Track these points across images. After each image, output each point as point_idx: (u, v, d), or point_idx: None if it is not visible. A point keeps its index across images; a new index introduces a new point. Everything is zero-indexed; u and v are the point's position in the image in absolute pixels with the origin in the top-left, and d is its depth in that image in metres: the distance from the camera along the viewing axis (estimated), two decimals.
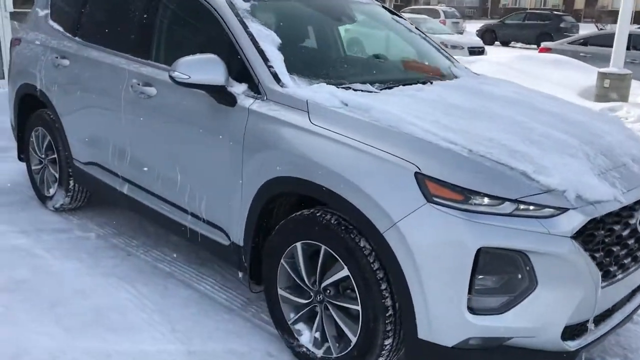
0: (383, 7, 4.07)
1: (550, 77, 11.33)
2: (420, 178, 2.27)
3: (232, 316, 3.22)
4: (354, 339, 2.53)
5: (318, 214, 2.59)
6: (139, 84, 3.46)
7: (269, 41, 3.02)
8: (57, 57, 4.20)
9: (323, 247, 2.58)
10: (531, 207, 2.22)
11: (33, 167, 4.70)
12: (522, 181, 2.26)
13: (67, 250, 3.91)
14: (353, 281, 2.47)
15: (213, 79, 2.90)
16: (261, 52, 2.96)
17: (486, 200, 2.22)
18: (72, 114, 4.09)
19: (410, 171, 2.30)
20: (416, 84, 3.20)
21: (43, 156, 4.56)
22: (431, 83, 3.26)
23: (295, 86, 2.85)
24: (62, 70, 4.14)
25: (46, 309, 3.20)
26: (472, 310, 2.23)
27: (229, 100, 2.94)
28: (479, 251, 2.17)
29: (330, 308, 2.63)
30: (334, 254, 2.53)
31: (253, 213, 2.87)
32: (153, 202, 3.51)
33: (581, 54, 14.28)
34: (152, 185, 3.49)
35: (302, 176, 2.60)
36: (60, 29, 4.34)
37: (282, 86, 2.85)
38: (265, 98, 2.86)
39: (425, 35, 4.00)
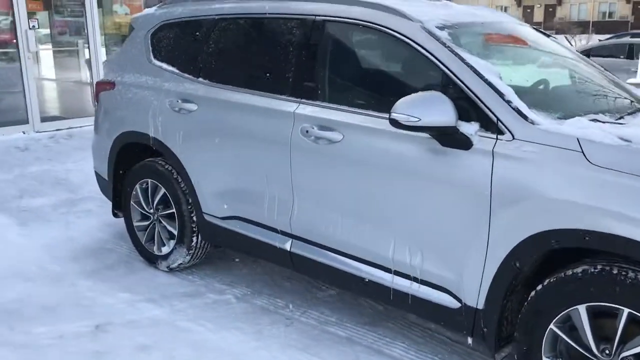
0: (535, 29, 3.76)
1: None
2: None
3: None
4: None
5: (615, 272, 2.22)
6: (313, 128, 3.04)
7: (492, 73, 2.67)
8: (178, 101, 3.75)
9: (626, 310, 2.20)
10: None
11: (136, 224, 4.20)
12: None
13: (216, 319, 3.43)
14: None
15: (445, 120, 2.52)
16: (491, 86, 2.60)
17: None
18: (204, 163, 3.63)
19: None
20: (633, 113, 2.90)
21: (152, 211, 4.07)
22: None
23: (548, 123, 2.49)
24: (187, 115, 3.69)
25: None
26: None
27: (462, 142, 2.56)
28: None
29: None
30: None
31: (505, 273, 2.48)
32: (333, 259, 3.08)
33: None
34: (333, 241, 3.07)
35: (591, 228, 2.23)
36: (174, 69, 3.89)
37: (532, 123, 2.49)
38: (512, 138, 2.49)
39: (582, 57, 3.70)
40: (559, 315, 2.37)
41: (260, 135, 3.30)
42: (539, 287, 2.43)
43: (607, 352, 2.29)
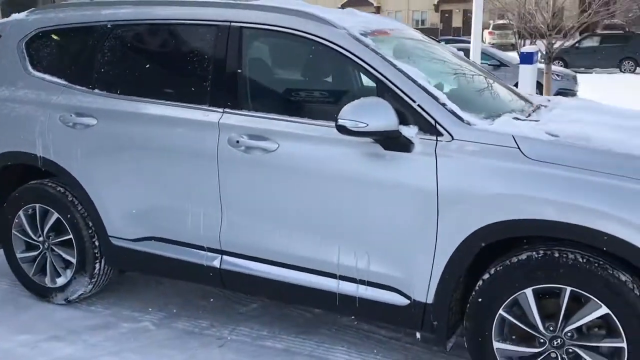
0: (429, 36, 3.99)
1: None
2: None
3: None
4: None
5: (556, 255, 2.45)
6: (243, 138, 2.95)
7: (422, 77, 2.79)
8: (71, 116, 3.40)
9: (568, 289, 2.44)
10: None
11: (20, 255, 3.73)
12: None
13: (140, 349, 3.17)
14: (616, 318, 2.38)
15: (389, 124, 2.60)
16: (425, 90, 2.72)
17: None
18: (110, 183, 3.33)
19: None
20: (535, 110, 3.22)
21: (41, 239, 3.64)
22: (545, 107, 3.30)
23: (481, 123, 2.67)
24: (84, 131, 3.36)
25: None
26: None
27: (404, 145, 2.65)
28: None
29: (577, 350, 2.48)
30: (586, 294, 2.40)
31: (454, 266, 2.62)
32: (272, 271, 3.01)
33: None
34: (272, 253, 2.99)
35: (535, 217, 2.43)
36: (61, 81, 3.52)
37: (468, 124, 2.65)
38: (451, 139, 2.62)
39: (472, 62, 4.01)
40: (507, 301, 2.55)
41: (179, 148, 3.12)
42: (486, 276, 2.59)
43: (551, 328, 2.51)
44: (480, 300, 2.61)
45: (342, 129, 2.60)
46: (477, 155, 2.57)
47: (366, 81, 2.85)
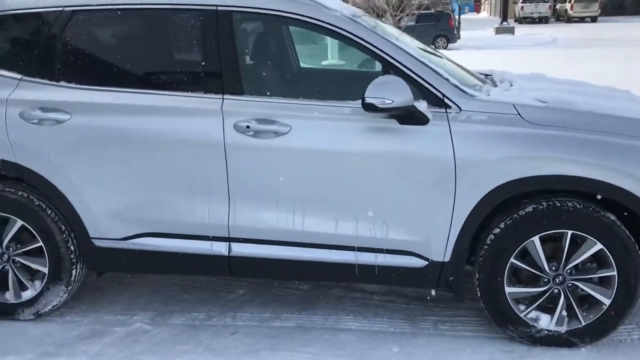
0: None
1: None
2: None
3: (443, 338, 3.12)
4: (607, 302, 2.90)
5: (558, 205, 2.84)
6: (251, 123, 2.94)
7: (420, 55, 3.02)
8: (35, 111, 3.10)
9: (569, 232, 2.85)
10: None
11: None
12: None
13: (151, 350, 3.04)
14: (608, 252, 2.84)
15: (408, 100, 2.79)
16: (429, 67, 2.95)
17: None
18: (92, 181, 3.10)
19: None
20: (496, 83, 3.59)
21: (1, 251, 3.28)
22: (493, 79, 3.68)
23: (480, 95, 2.97)
24: (56, 127, 3.08)
25: None
26: None
27: (419, 119, 2.86)
28: None
29: (577, 284, 2.92)
30: (584, 234, 2.84)
31: (469, 226, 2.90)
32: (287, 252, 3.06)
33: None
34: (286, 234, 3.03)
35: (540, 173, 2.80)
36: (12, 74, 3.17)
37: (471, 96, 2.93)
38: (459, 110, 2.89)
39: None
40: (517, 249, 2.91)
41: (177, 137, 3.01)
42: (497, 230, 2.92)
43: (554, 268, 2.92)
44: (492, 252, 2.93)
45: (369, 107, 2.74)
46: (485, 124, 2.87)
47: (372, 59, 2.98)
